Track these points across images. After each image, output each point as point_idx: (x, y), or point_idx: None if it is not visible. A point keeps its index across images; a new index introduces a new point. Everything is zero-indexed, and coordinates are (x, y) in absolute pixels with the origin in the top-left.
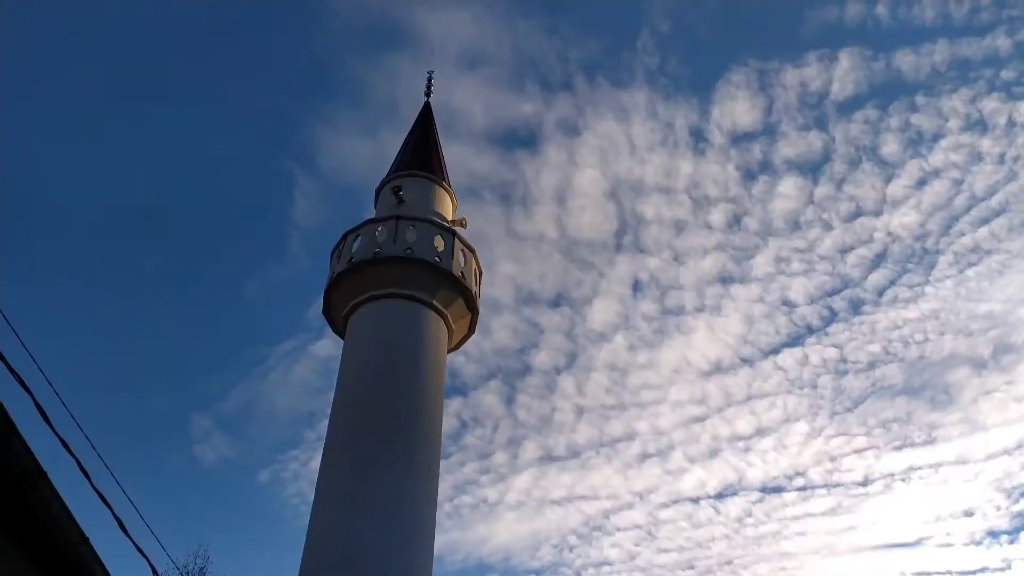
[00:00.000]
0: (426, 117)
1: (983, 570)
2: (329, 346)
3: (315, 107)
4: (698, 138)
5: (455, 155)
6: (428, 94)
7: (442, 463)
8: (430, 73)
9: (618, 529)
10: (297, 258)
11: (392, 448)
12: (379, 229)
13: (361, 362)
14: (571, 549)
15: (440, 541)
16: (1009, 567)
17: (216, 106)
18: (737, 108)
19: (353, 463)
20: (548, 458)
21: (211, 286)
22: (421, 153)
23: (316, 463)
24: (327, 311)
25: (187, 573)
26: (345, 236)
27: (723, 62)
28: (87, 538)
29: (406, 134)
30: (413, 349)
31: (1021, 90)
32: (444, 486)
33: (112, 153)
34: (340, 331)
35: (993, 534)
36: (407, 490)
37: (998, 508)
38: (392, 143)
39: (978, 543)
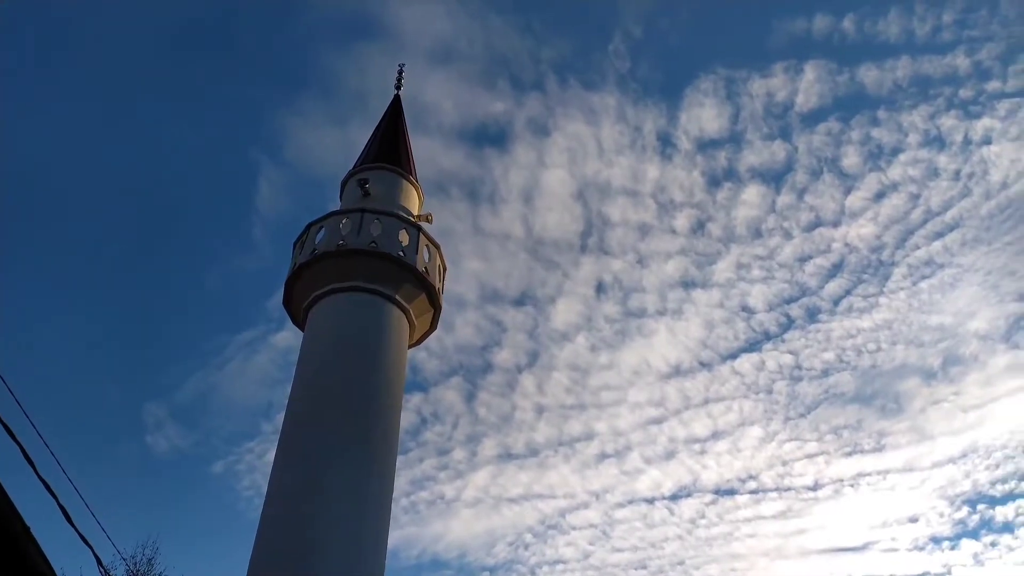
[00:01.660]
0: (395, 110)
1: (925, 574)
2: (289, 338)
3: (284, 96)
4: (665, 143)
5: (424, 150)
6: (398, 87)
7: (400, 458)
8: (401, 66)
9: (573, 528)
10: (260, 248)
11: (348, 442)
12: (343, 221)
13: (320, 354)
14: (527, 547)
15: (395, 536)
16: (949, 572)
17: (183, 93)
18: (704, 115)
19: (308, 456)
20: (507, 456)
21: (171, 274)
22: (389, 146)
23: (272, 456)
24: (288, 302)
25: (135, 564)
26: (308, 227)
27: (692, 69)
28: (28, 528)
29: (375, 126)
30: (373, 343)
31: (978, 109)
32: (401, 481)
33: (71, 137)
34: (300, 323)
35: (936, 540)
36: (362, 484)
37: (941, 515)
38: (361, 135)
39: (921, 548)
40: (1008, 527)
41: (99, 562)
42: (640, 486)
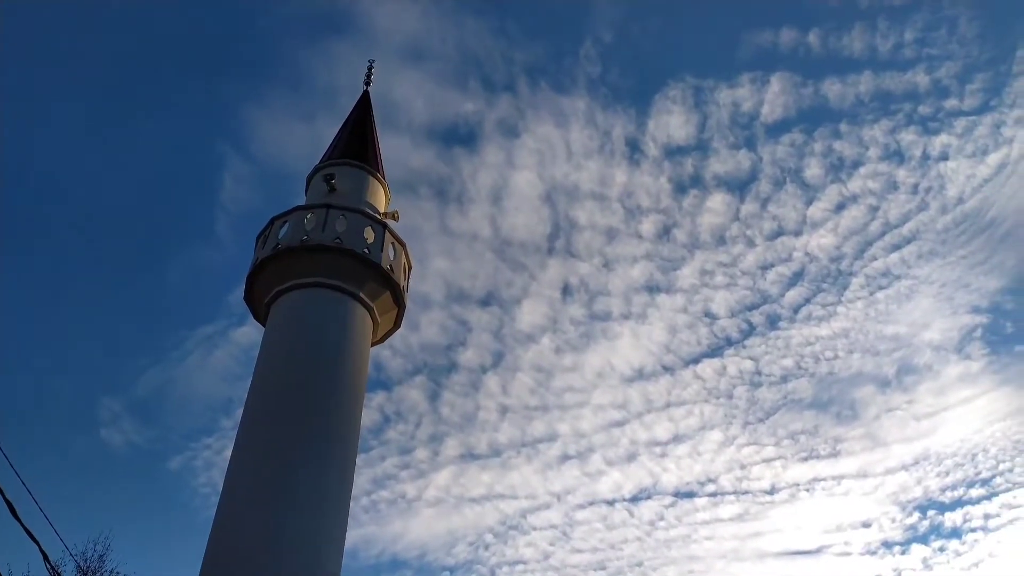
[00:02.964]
0: (364, 106)
1: None
2: (251, 333)
3: (252, 90)
4: (633, 148)
5: (392, 148)
6: (368, 83)
7: (361, 457)
8: (371, 62)
9: (534, 528)
10: (223, 242)
11: (307, 439)
12: (308, 216)
13: (281, 350)
14: (487, 547)
15: (354, 535)
16: None
17: (148, 82)
18: (672, 122)
19: (266, 452)
20: (469, 456)
21: (130, 265)
22: (357, 142)
23: (230, 452)
24: (249, 297)
25: (85, 561)
26: (272, 221)
27: (662, 76)
28: None
29: (343, 122)
30: (336, 340)
31: (937, 125)
32: (362, 480)
33: (30, 124)
34: (262, 318)
35: (887, 545)
36: (320, 482)
37: (893, 520)
38: (328, 131)
39: (873, 553)
40: (956, 533)
41: (46, 558)
42: (601, 488)
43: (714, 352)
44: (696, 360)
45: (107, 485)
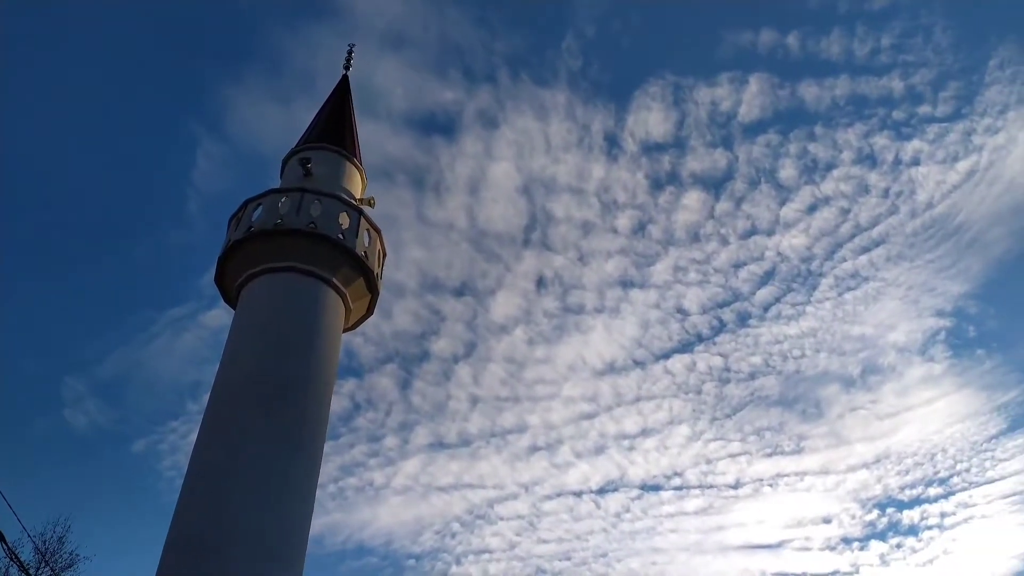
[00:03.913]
0: (343, 91)
1: (835, 573)
2: (221, 316)
3: (228, 70)
4: (612, 143)
5: (370, 134)
6: (347, 67)
7: (330, 444)
8: (351, 46)
9: (501, 518)
10: (194, 223)
11: (274, 424)
12: (283, 200)
13: (251, 334)
14: (453, 536)
15: (321, 522)
16: (857, 571)
17: (121, 57)
18: (651, 119)
19: (232, 436)
20: (439, 445)
21: (97, 244)
22: (334, 127)
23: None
24: (220, 280)
25: (43, 542)
26: (246, 204)
27: (642, 73)
28: None
29: (321, 106)
30: (307, 325)
31: (909, 131)
32: (330, 467)
33: None
34: (232, 301)
35: (846, 540)
36: (287, 468)
37: (853, 517)
38: (306, 114)
39: (833, 548)
40: (913, 530)
41: (2, 539)
42: (569, 479)
43: (685, 348)
44: (667, 355)
45: (69, 466)
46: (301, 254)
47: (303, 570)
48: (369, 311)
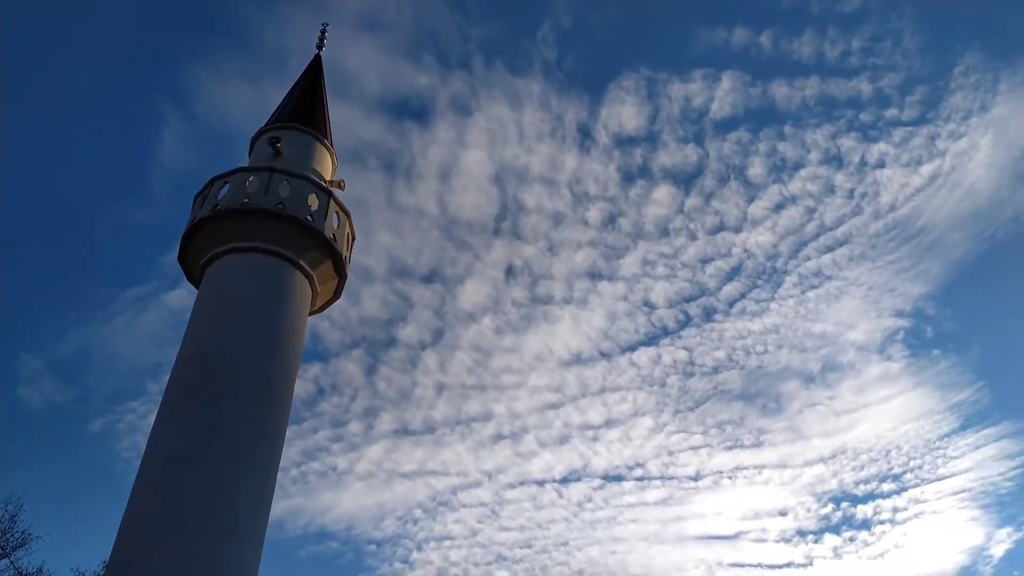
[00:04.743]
0: (315, 70)
1: (789, 565)
2: (184, 296)
3: (197, 45)
4: (585, 135)
5: (342, 116)
6: (320, 47)
7: (293, 428)
8: (324, 25)
9: (464, 506)
10: (158, 201)
11: (236, 407)
12: (250, 179)
13: (214, 314)
14: (415, 522)
15: (282, 506)
16: (811, 563)
17: (85, 29)
18: (624, 112)
19: (192, 418)
20: (403, 431)
21: (58, 221)
22: (305, 106)
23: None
24: (183, 258)
25: None
26: (212, 181)
27: (617, 65)
28: None
29: (292, 85)
30: (272, 307)
31: (876, 133)
32: (292, 451)
33: None
34: (196, 281)
35: (801, 533)
36: (247, 451)
37: (808, 510)
38: (276, 93)
39: (788, 541)
40: (866, 524)
41: None
42: (532, 468)
43: (651, 341)
44: (633, 348)
45: (23, 445)
46: (268, 235)
47: (262, 553)
48: (336, 295)
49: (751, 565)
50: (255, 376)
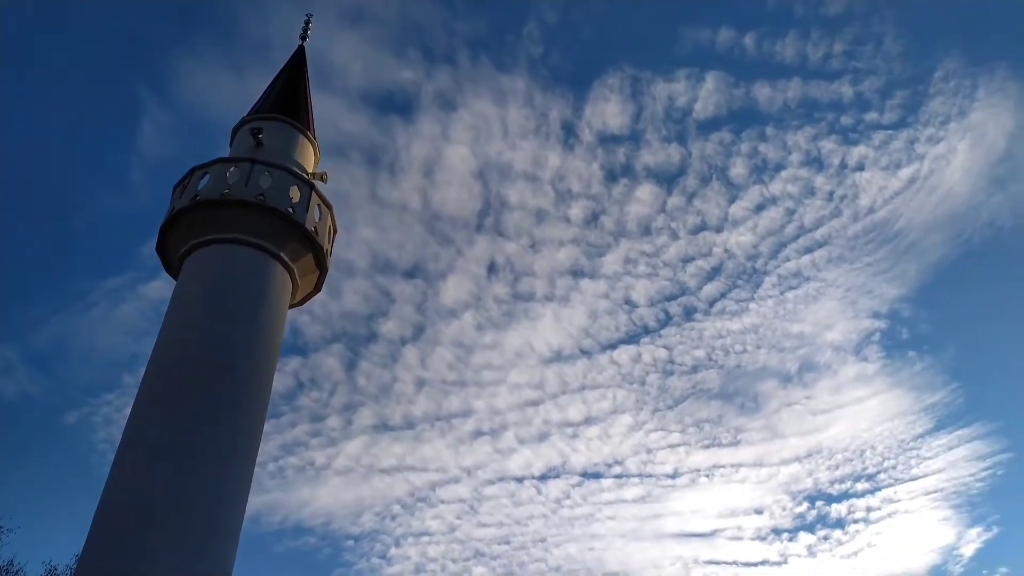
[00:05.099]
0: (299, 61)
1: (764, 563)
2: (162, 288)
3: (179, 35)
4: (569, 133)
5: (326, 109)
6: (304, 38)
7: (271, 422)
8: (308, 16)
9: (442, 502)
10: (137, 191)
11: (213, 399)
12: (231, 169)
13: (192, 306)
14: (393, 518)
15: (259, 501)
16: (786, 561)
17: (67, 18)
18: (609, 110)
19: (168, 410)
20: (383, 427)
21: (34, 210)
22: (288, 98)
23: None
24: (162, 249)
25: None
26: (192, 171)
27: (601, 64)
28: None
29: (275, 76)
30: (251, 300)
31: (856, 136)
32: (270, 446)
33: None
34: (174, 272)
35: (776, 531)
36: (224, 443)
37: (784, 508)
38: (259, 84)
39: (763, 539)
40: (840, 523)
41: None
42: (511, 465)
43: (631, 339)
44: (613, 346)
45: None
46: (248, 226)
47: (237, 547)
48: (317, 288)
49: (727, 563)
50: (233, 369)
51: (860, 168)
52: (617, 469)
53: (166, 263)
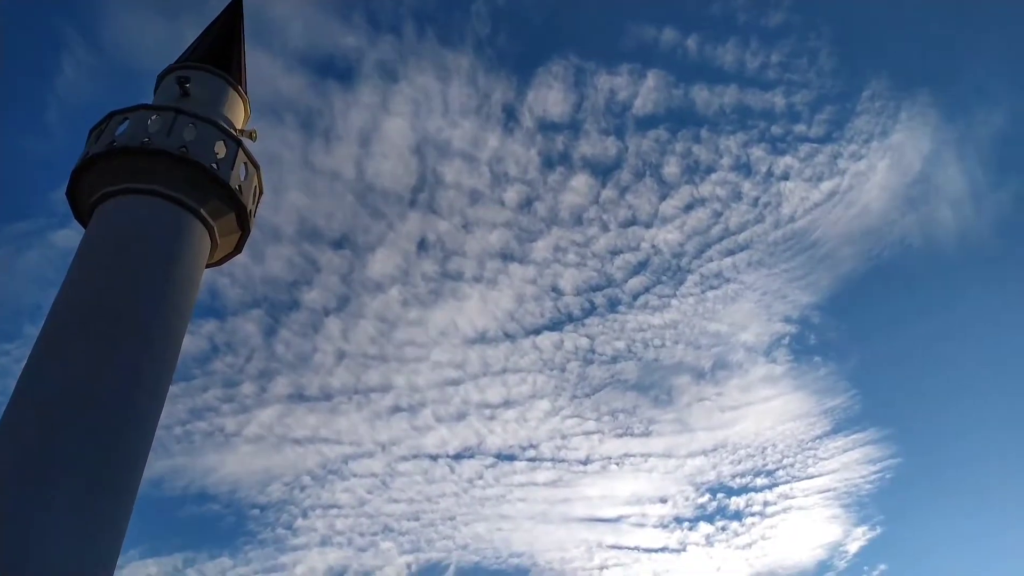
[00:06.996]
0: (234, 13)
1: (664, 549)
2: (72, 236)
3: None
4: (509, 116)
5: (261, 66)
6: None
7: (180, 385)
8: None
9: (354, 475)
10: (53, 133)
11: (115, 354)
12: (153, 118)
13: (101, 255)
14: (303, 489)
15: (163, 465)
16: (685, 549)
17: None
18: (551, 97)
19: (67, 362)
20: (298, 397)
21: None
22: (221, 49)
23: None
24: (72, 194)
25: None
26: (110, 116)
27: (547, 50)
28: None
29: (208, 25)
30: (165, 254)
31: (784, 146)
32: (178, 408)
33: None
34: (85, 220)
35: (678, 520)
36: (122, 402)
37: (687, 499)
38: (191, 32)
39: (665, 527)
40: (738, 515)
41: None
42: (427, 442)
43: (555, 326)
44: (537, 331)
45: None
46: (168, 178)
47: (132, 508)
48: (238, 249)
49: (629, 548)
50: (139, 324)
51: (785, 177)
52: (531, 453)
53: (76, 210)
